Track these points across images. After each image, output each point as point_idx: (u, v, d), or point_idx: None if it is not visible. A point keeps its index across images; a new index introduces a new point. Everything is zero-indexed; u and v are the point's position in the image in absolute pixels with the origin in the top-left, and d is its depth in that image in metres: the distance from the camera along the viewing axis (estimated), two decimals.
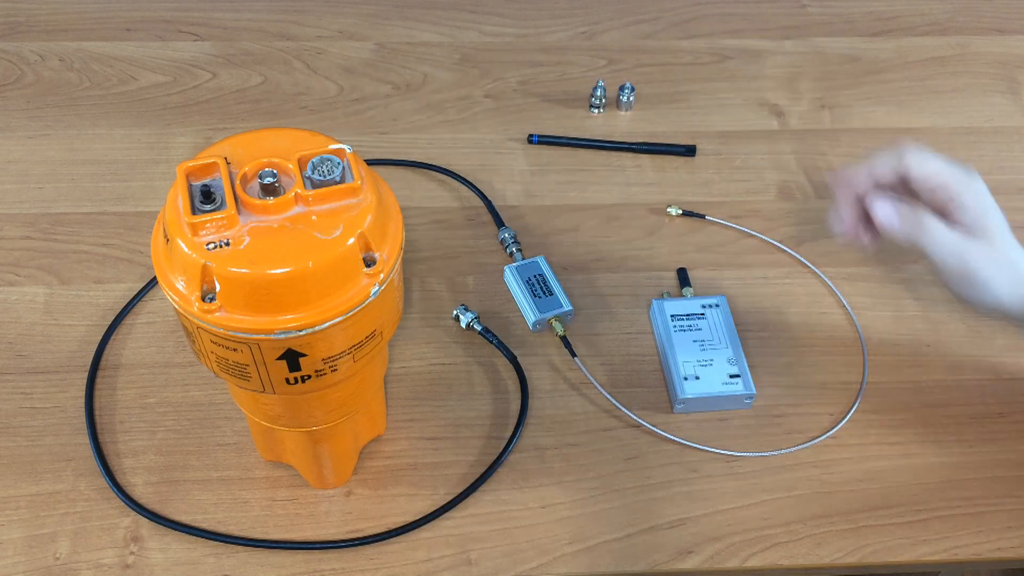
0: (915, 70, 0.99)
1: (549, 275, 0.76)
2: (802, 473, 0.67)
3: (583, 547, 0.63)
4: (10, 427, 0.67)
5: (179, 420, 0.68)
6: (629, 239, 0.81)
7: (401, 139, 0.89)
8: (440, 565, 0.62)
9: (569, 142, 0.89)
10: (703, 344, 0.71)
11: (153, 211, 0.81)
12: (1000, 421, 0.71)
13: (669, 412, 0.70)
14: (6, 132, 0.87)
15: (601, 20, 1.03)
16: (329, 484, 0.65)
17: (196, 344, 0.50)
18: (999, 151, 0.91)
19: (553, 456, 0.67)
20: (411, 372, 0.72)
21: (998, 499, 0.66)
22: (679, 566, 0.63)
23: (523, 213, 0.83)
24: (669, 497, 0.66)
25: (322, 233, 0.47)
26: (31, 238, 0.79)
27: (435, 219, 0.82)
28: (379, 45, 0.99)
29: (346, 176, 0.49)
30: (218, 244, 0.46)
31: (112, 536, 0.62)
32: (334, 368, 0.51)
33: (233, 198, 0.47)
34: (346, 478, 0.65)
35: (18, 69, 0.93)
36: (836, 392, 0.72)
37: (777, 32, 1.03)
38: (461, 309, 0.73)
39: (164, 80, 0.93)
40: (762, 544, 0.64)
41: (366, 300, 0.48)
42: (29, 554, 0.61)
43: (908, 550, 0.64)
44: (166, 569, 0.61)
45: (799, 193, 0.86)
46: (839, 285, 0.78)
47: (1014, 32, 1.04)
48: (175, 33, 0.98)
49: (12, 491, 0.64)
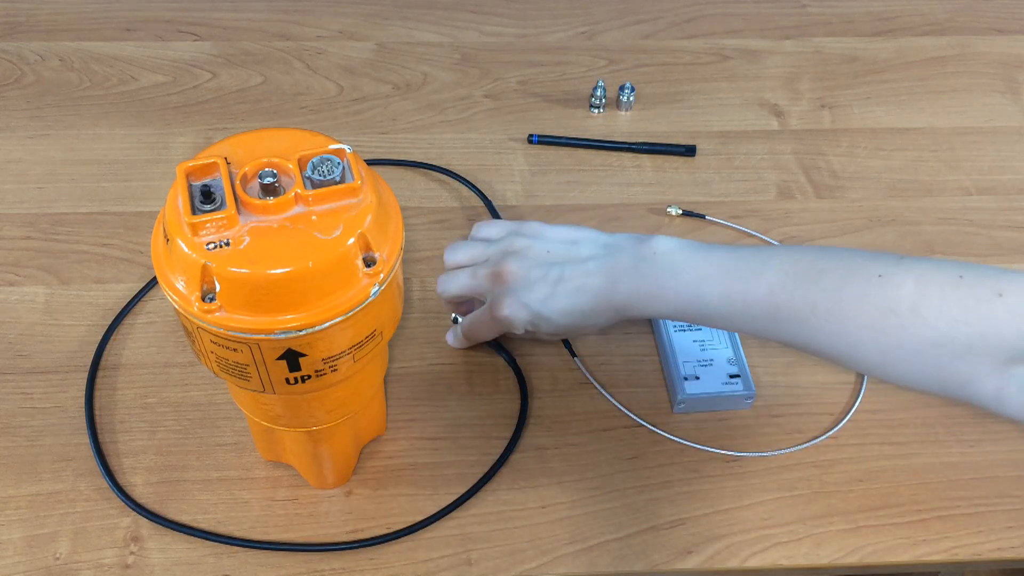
0: (915, 70, 0.99)
1: None
2: (802, 473, 0.67)
3: (583, 547, 0.63)
4: (10, 427, 0.67)
5: (179, 420, 0.68)
6: None
7: (401, 139, 0.89)
8: (440, 565, 0.62)
9: (569, 142, 0.89)
10: (703, 344, 0.71)
11: (153, 211, 0.81)
12: (1000, 421, 0.71)
13: (669, 412, 0.70)
14: (6, 132, 0.87)
15: (601, 20, 1.03)
16: (329, 484, 0.65)
17: (196, 344, 0.50)
18: (999, 151, 0.91)
19: (553, 456, 0.67)
20: (411, 372, 0.72)
21: (998, 499, 0.66)
22: (679, 566, 0.63)
23: (523, 213, 0.83)
24: (669, 497, 0.66)
25: (322, 233, 0.47)
26: (31, 238, 0.79)
27: (435, 219, 0.82)
28: (379, 45, 0.99)
29: (346, 176, 0.49)
30: (218, 244, 0.46)
31: (112, 536, 0.62)
32: (334, 368, 0.51)
33: (233, 198, 0.47)
34: (346, 478, 0.65)
35: (18, 69, 0.93)
36: (836, 392, 0.72)
37: (777, 32, 1.03)
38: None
39: (164, 80, 0.93)
40: (762, 544, 0.64)
41: (366, 300, 0.48)
42: (29, 554, 0.61)
43: (908, 550, 0.64)
44: (166, 569, 0.61)
45: (799, 193, 0.86)
46: None
47: (1014, 32, 1.04)
48: (175, 33, 0.98)
49: (12, 491, 0.64)
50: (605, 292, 0.61)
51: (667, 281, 0.59)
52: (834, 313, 0.54)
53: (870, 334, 0.53)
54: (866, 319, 0.53)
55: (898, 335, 0.52)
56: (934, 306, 0.52)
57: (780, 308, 0.56)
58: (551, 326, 0.63)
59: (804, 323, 0.55)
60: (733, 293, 0.57)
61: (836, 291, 0.54)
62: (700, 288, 0.58)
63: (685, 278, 0.59)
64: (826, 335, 0.55)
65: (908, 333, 0.52)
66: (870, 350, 0.54)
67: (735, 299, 0.57)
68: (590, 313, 0.62)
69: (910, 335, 0.52)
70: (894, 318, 0.52)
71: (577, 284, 0.62)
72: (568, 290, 0.62)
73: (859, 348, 0.54)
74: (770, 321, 0.56)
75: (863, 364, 0.55)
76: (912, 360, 0.53)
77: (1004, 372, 0.52)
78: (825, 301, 0.54)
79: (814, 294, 0.55)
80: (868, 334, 0.53)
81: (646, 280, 0.60)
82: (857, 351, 0.54)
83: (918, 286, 0.52)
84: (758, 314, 0.57)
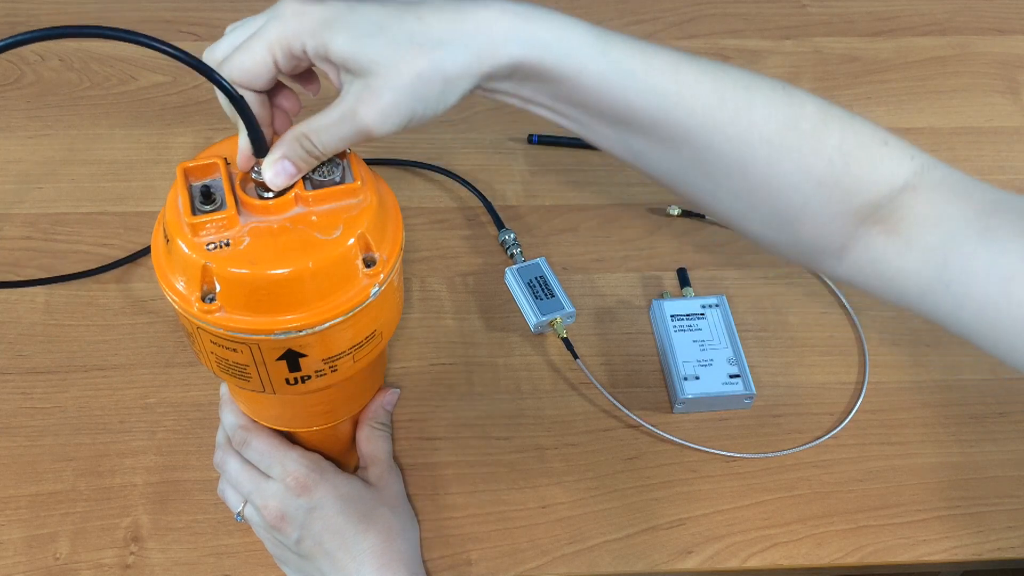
0: (915, 70, 0.99)
1: (550, 277, 0.76)
2: (802, 473, 0.67)
3: (583, 547, 0.63)
4: (10, 427, 0.67)
5: (179, 420, 0.68)
6: (629, 239, 0.81)
7: (401, 139, 0.89)
8: (440, 565, 0.62)
9: (569, 142, 0.89)
10: (703, 344, 0.71)
11: (153, 211, 0.81)
12: (1000, 421, 0.71)
13: (669, 412, 0.70)
14: (6, 132, 0.87)
15: (601, 20, 1.03)
16: None
17: (196, 344, 0.50)
18: (999, 151, 0.91)
19: (553, 456, 0.67)
20: (411, 372, 0.72)
21: (998, 499, 0.66)
22: (679, 566, 0.63)
23: (523, 213, 0.83)
24: (669, 497, 0.66)
25: (322, 233, 0.47)
26: (31, 238, 0.79)
27: (435, 219, 0.82)
28: None
29: (346, 176, 0.49)
30: (218, 244, 0.46)
31: (112, 536, 0.62)
32: (334, 368, 0.51)
33: (233, 198, 0.47)
34: None
35: (18, 69, 0.93)
36: (836, 392, 0.72)
37: (777, 32, 1.03)
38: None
39: (164, 80, 0.93)
40: (762, 544, 0.64)
41: (366, 300, 0.48)
42: (29, 554, 0.61)
43: (908, 550, 0.64)
44: (166, 569, 0.61)
45: None
46: (839, 285, 0.78)
47: (1014, 32, 1.04)
48: (175, 33, 0.98)
49: (12, 491, 0.64)
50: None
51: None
52: (742, 112, 0.49)
53: (765, 149, 0.49)
54: (769, 129, 0.49)
55: (792, 159, 0.49)
56: (835, 133, 0.50)
57: (683, 86, 0.48)
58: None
59: (702, 115, 0.48)
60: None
61: (747, 89, 0.50)
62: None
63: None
64: (723, 138, 0.49)
65: (804, 158, 0.49)
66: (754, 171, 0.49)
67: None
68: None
69: (806, 161, 0.49)
70: (794, 136, 0.49)
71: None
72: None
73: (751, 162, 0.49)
74: (660, 100, 0.48)
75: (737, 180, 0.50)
76: (781, 195, 0.50)
77: (856, 229, 0.50)
78: (735, 97, 0.49)
79: (725, 86, 0.49)
80: (763, 149, 0.49)
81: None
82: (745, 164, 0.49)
83: (820, 108, 0.50)
84: (651, 85, 0.47)
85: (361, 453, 0.62)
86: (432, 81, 0.46)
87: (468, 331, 0.74)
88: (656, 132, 0.49)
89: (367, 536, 0.56)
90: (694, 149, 0.49)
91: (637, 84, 0.48)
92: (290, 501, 0.56)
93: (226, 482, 0.60)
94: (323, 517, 0.56)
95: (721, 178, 0.51)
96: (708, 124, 0.49)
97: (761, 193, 0.51)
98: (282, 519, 0.56)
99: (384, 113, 0.46)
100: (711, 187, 0.51)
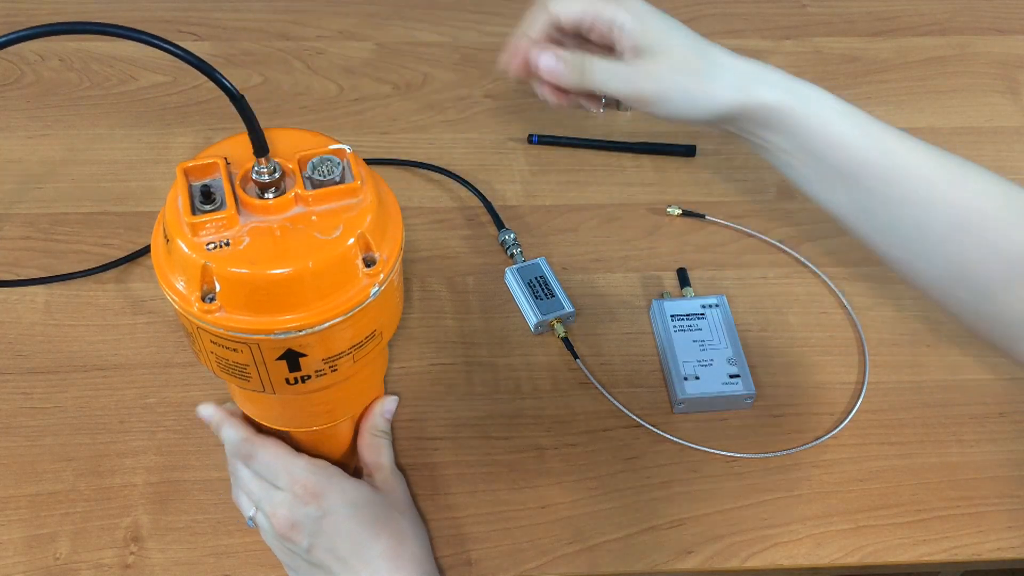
0: (915, 70, 0.99)
1: (550, 277, 0.76)
2: (802, 473, 0.67)
3: (583, 547, 0.63)
4: (10, 427, 0.67)
5: (179, 420, 0.68)
6: (629, 239, 0.81)
7: (401, 139, 0.89)
8: (440, 565, 0.62)
9: (569, 142, 0.89)
10: (703, 344, 0.71)
11: (153, 211, 0.81)
12: (1000, 421, 0.71)
13: (669, 412, 0.70)
14: (6, 132, 0.87)
15: None
16: None
17: (196, 344, 0.50)
18: (999, 151, 0.91)
19: (553, 456, 0.67)
20: (411, 372, 0.72)
21: (998, 499, 0.66)
22: (679, 566, 0.63)
23: (523, 213, 0.83)
24: (669, 497, 0.66)
25: (322, 233, 0.47)
26: (31, 238, 0.79)
27: (435, 219, 0.82)
28: (379, 45, 0.99)
29: (346, 176, 0.49)
30: (218, 244, 0.46)
31: (112, 536, 0.62)
32: (334, 368, 0.51)
33: (233, 198, 0.47)
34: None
35: (18, 69, 0.93)
36: (836, 392, 0.72)
37: (777, 32, 1.03)
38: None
39: (164, 80, 0.93)
40: (762, 544, 0.64)
41: (366, 300, 0.48)
42: (29, 554, 0.61)
43: (908, 550, 0.64)
44: (166, 569, 0.61)
45: (799, 193, 0.86)
46: (839, 285, 0.78)
47: (1014, 32, 1.04)
48: (175, 33, 0.98)
49: (12, 491, 0.64)
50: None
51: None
52: (956, 182, 0.57)
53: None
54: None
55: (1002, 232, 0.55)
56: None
57: (909, 149, 0.57)
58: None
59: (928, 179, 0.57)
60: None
61: (961, 165, 0.59)
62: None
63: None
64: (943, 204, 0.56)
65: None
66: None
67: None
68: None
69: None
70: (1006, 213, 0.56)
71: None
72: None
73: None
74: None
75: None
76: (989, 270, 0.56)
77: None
78: (952, 163, 0.58)
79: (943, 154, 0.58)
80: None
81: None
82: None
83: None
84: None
85: (364, 462, 0.62)
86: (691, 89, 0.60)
87: (468, 331, 0.74)
88: (885, 190, 0.57)
89: (379, 540, 0.56)
90: (916, 208, 0.56)
91: (874, 143, 0.57)
92: (299, 509, 0.56)
93: (239, 487, 0.60)
94: (334, 523, 0.56)
95: (936, 243, 0.56)
96: (932, 187, 0.57)
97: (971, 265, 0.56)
98: (292, 527, 0.56)
99: (662, 98, 0.59)
100: (927, 252, 0.57)
